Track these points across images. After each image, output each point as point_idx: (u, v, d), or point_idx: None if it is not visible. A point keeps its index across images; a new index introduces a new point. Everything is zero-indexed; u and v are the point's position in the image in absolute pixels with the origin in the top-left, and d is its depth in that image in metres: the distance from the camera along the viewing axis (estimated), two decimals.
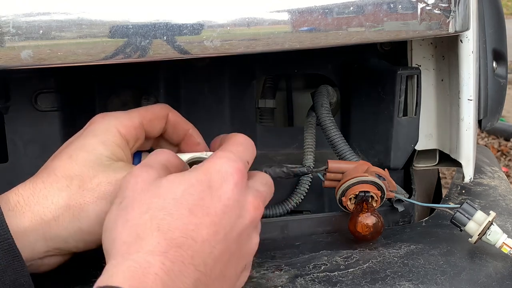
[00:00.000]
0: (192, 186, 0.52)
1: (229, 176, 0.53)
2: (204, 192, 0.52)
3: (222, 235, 0.51)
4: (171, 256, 0.48)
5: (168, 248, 0.48)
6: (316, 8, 0.59)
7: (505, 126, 3.39)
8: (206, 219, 0.51)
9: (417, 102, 0.78)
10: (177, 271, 0.47)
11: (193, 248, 0.49)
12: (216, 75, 0.82)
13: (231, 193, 0.53)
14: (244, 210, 0.54)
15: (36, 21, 0.55)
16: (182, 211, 0.50)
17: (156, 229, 0.49)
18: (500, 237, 0.63)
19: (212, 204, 0.52)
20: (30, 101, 0.73)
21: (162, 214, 0.50)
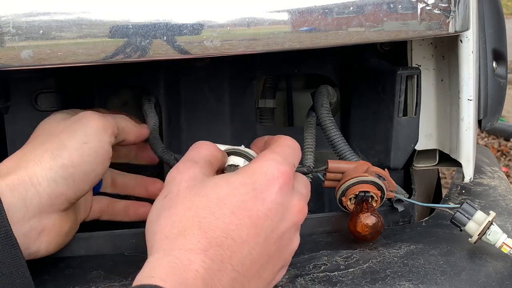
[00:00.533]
0: (236, 188, 0.53)
1: (275, 179, 0.54)
2: (248, 195, 0.53)
3: (262, 237, 0.52)
4: (211, 255, 0.49)
5: (208, 246, 0.49)
6: (316, 8, 0.59)
7: (505, 126, 3.39)
8: (247, 221, 0.51)
9: (417, 102, 0.78)
10: (216, 270, 0.48)
11: (233, 248, 0.50)
12: (216, 75, 0.82)
13: (275, 196, 0.53)
14: (288, 213, 0.55)
15: (36, 21, 0.55)
16: (224, 211, 0.51)
17: (197, 227, 0.50)
18: (500, 237, 0.63)
19: (254, 206, 0.52)
20: (30, 101, 0.73)
21: (205, 213, 0.51)
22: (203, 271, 0.47)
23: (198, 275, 0.47)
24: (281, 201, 0.54)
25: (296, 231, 0.57)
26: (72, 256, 0.68)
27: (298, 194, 0.57)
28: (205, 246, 0.49)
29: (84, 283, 0.61)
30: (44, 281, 0.62)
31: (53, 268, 0.65)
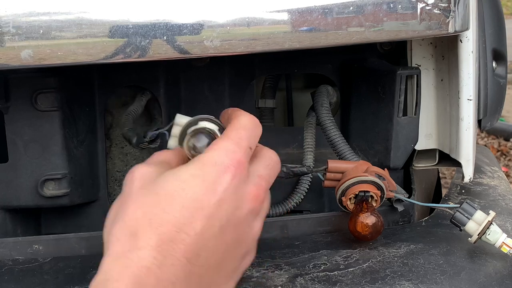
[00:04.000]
0: (186, 181, 0.52)
1: (226, 169, 0.53)
2: (198, 187, 0.52)
3: (217, 228, 0.52)
4: (163, 250, 0.49)
5: (160, 242, 0.49)
6: (316, 8, 0.59)
7: (505, 126, 3.39)
8: (199, 213, 0.51)
9: (417, 102, 0.78)
10: (169, 265, 0.49)
11: (186, 242, 0.50)
12: (216, 75, 0.82)
13: (227, 185, 0.53)
14: (243, 201, 0.54)
15: (36, 21, 0.55)
16: (175, 206, 0.51)
17: (148, 224, 0.50)
18: (500, 236, 0.63)
19: (206, 198, 0.52)
20: (30, 101, 0.73)
21: (155, 210, 0.51)
22: (155, 267, 0.48)
23: (150, 272, 0.47)
24: (234, 190, 0.53)
25: (255, 217, 0.56)
26: (72, 256, 0.68)
27: (255, 178, 0.56)
28: (156, 242, 0.49)
29: (84, 282, 0.61)
30: (45, 281, 0.62)
31: (53, 268, 0.65)
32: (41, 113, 0.73)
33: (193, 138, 0.59)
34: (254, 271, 0.62)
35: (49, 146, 0.74)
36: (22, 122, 0.73)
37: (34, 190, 0.74)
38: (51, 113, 0.73)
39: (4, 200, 0.75)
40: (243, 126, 0.58)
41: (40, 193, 0.74)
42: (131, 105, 0.82)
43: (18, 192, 0.75)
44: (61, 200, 0.75)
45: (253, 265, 0.64)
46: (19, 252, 0.69)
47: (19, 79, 0.73)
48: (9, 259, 0.68)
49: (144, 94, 0.83)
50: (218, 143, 0.55)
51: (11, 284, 0.63)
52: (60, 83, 0.74)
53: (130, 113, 0.81)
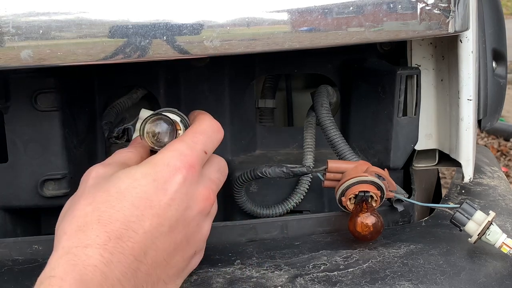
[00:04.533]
0: (137, 180, 0.53)
1: (177, 170, 0.54)
2: (149, 185, 0.53)
3: (166, 227, 0.53)
4: (110, 248, 0.49)
5: (107, 240, 0.49)
6: (315, 8, 0.59)
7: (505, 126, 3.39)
8: (148, 211, 0.52)
9: (417, 102, 0.78)
10: (116, 262, 0.49)
11: (134, 239, 0.50)
12: (216, 75, 0.82)
13: (178, 186, 0.54)
14: (193, 201, 0.55)
15: (36, 21, 0.55)
16: (124, 203, 0.52)
17: (96, 221, 0.50)
18: (500, 237, 0.63)
19: (156, 197, 0.53)
20: (30, 101, 0.73)
21: (104, 207, 0.51)
22: (102, 265, 0.48)
23: (96, 270, 0.48)
24: (185, 191, 0.54)
25: (205, 218, 0.57)
26: None
27: (206, 180, 0.57)
28: (103, 240, 0.49)
29: None
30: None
31: None
32: (41, 113, 0.73)
33: (152, 125, 0.60)
34: (254, 271, 0.62)
35: (49, 146, 0.74)
36: (22, 122, 0.73)
37: (34, 190, 0.74)
38: (51, 113, 0.73)
39: (4, 200, 0.75)
40: (202, 130, 0.60)
41: (40, 193, 0.74)
42: (119, 99, 0.82)
43: (18, 192, 0.75)
44: (61, 200, 0.75)
45: (253, 265, 0.64)
46: (19, 252, 0.69)
47: (19, 79, 0.73)
48: (9, 259, 0.68)
49: (137, 90, 0.83)
50: (172, 145, 0.57)
51: (11, 284, 0.63)
52: (60, 83, 0.74)
53: (115, 107, 0.81)
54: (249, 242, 0.71)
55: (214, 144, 0.61)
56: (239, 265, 0.64)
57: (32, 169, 0.74)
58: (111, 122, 0.79)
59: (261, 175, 0.73)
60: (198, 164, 0.56)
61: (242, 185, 0.77)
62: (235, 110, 0.84)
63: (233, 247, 0.69)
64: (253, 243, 0.71)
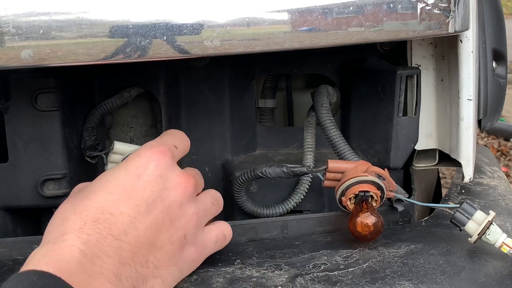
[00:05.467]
0: (111, 175, 0.58)
1: (149, 158, 0.58)
2: (122, 175, 0.57)
3: (143, 208, 0.55)
4: (87, 230, 0.52)
5: (82, 224, 0.52)
6: (316, 8, 0.59)
7: (505, 126, 3.39)
8: (123, 195, 0.55)
9: (417, 102, 0.78)
10: (94, 241, 0.51)
11: (110, 221, 0.53)
12: (216, 75, 0.82)
13: (151, 171, 0.57)
14: (170, 182, 0.58)
15: (36, 21, 0.55)
16: (99, 193, 0.56)
17: (73, 212, 0.54)
18: (500, 236, 0.63)
19: (129, 182, 0.56)
20: (30, 101, 0.73)
21: (80, 201, 0.55)
22: (79, 244, 0.50)
23: (74, 249, 0.50)
24: (159, 174, 0.57)
25: (188, 200, 0.59)
26: None
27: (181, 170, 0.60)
28: (79, 225, 0.52)
29: None
30: None
31: None
32: (41, 113, 0.73)
33: None
34: (254, 271, 0.62)
35: (49, 146, 0.74)
36: (22, 122, 0.73)
37: (34, 190, 0.74)
38: (51, 113, 0.73)
39: (4, 200, 0.75)
40: (168, 132, 0.66)
41: (40, 193, 0.74)
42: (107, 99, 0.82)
43: (18, 192, 0.75)
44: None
45: (253, 264, 0.64)
46: (19, 252, 0.69)
47: (19, 79, 0.73)
48: (9, 259, 0.68)
49: (131, 89, 0.82)
50: (143, 146, 0.61)
51: None
52: (60, 83, 0.74)
53: (100, 108, 0.81)
54: (249, 242, 0.71)
55: (182, 142, 0.65)
56: (239, 265, 0.64)
57: (32, 169, 0.74)
58: (93, 127, 0.79)
59: (261, 175, 0.73)
60: (169, 152, 0.59)
61: (242, 185, 0.77)
62: (235, 110, 0.84)
63: (233, 247, 0.69)
64: (253, 243, 0.71)
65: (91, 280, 0.49)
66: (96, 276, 0.50)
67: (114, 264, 0.51)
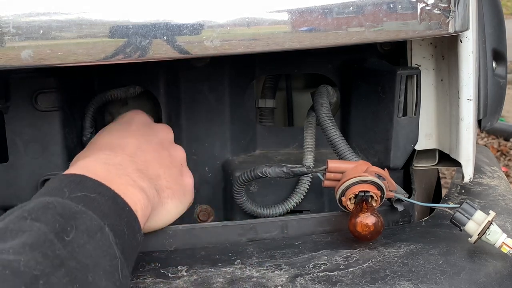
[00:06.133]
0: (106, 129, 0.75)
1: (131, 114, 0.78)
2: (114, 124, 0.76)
3: (143, 139, 0.70)
4: (106, 153, 0.65)
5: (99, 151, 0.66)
6: (316, 8, 0.59)
7: (505, 126, 3.39)
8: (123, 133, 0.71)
9: (417, 102, 0.78)
10: (113, 157, 0.64)
11: (121, 146, 0.67)
12: (216, 74, 0.82)
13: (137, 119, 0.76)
14: (155, 128, 0.75)
15: (36, 21, 0.55)
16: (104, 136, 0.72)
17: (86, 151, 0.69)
18: (500, 236, 0.63)
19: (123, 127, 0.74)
20: (30, 101, 0.73)
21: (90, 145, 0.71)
22: (102, 160, 0.63)
23: (97, 162, 0.62)
24: (144, 121, 0.76)
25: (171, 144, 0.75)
26: None
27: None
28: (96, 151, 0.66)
29: None
30: None
31: None
32: (41, 113, 0.73)
33: None
34: (254, 271, 0.62)
35: (49, 146, 0.74)
36: (22, 122, 0.73)
37: (34, 190, 0.74)
38: (51, 113, 0.73)
39: (4, 200, 0.75)
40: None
41: None
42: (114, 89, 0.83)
43: (18, 192, 0.75)
44: None
45: (253, 265, 0.64)
46: None
47: (19, 79, 0.73)
48: None
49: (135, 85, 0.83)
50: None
51: None
52: (60, 83, 0.74)
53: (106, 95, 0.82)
54: (249, 242, 0.71)
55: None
56: (239, 265, 0.64)
57: (32, 169, 0.74)
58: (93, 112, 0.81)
59: (261, 175, 0.73)
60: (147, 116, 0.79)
61: (242, 185, 0.77)
62: (235, 110, 0.84)
63: (233, 247, 0.69)
64: (253, 243, 0.71)
65: (117, 178, 0.60)
66: (121, 175, 0.61)
67: (135, 171, 0.63)
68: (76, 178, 0.57)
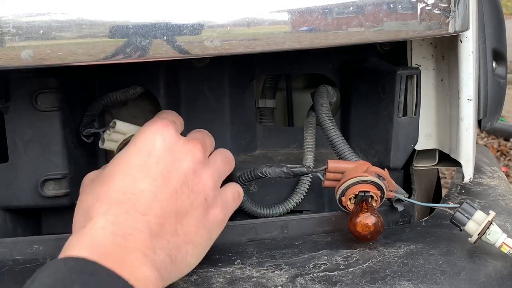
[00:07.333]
0: (121, 157, 0.60)
1: (153, 133, 0.60)
2: (132, 155, 0.59)
3: (160, 180, 0.57)
4: (114, 212, 0.54)
5: (108, 208, 0.55)
6: (316, 8, 0.59)
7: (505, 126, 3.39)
8: (139, 174, 0.57)
9: (417, 102, 0.78)
10: (123, 220, 0.54)
11: (133, 199, 0.56)
12: (216, 75, 0.82)
13: (159, 144, 0.59)
14: (180, 153, 0.60)
15: (36, 21, 0.55)
16: (116, 177, 0.58)
17: (96, 200, 0.56)
18: (500, 236, 0.63)
19: (140, 159, 0.58)
20: (30, 101, 0.73)
21: (100, 188, 0.57)
22: (109, 225, 0.53)
23: (105, 231, 0.52)
24: (167, 146, 0.59)
25: (201, 166, 0.61)
26: None
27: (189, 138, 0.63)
28: (105, 209, 0.55)
29: None
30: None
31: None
32: (41, 113, 0.73)
33: None
34: (254, 271, 0.62)
35: (49, 146, 0.74)
36: (22, 122, 0.73)
37: (34, 190, 0.74)
38: (51, 113, 0.73)
39: (4, 200, 0.75)
40: (162, 112, 0.69)
41: (40, 193, 0.74)
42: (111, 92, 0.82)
43: (18, 192, 0.75)
44: (61, 200, 0.75)
45: (253, 265, 0.64)
46: (19, 252, 0.69)
47: (19, 79, 0.73)
48: (9, 259, 0.68)
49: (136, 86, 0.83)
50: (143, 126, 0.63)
51: (11, 284, 0.63)
52: (60, 83, 0.74)
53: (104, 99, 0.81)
54: (249, 242, 0.71)
55: (179, 119, 0.67)
56: (239, 265, 0.64)
57: (32, 169, 0.74)
58: (94, 115, 0.80)
59: (261, 175, 0.73)
60: (171, 124, 0.62)
61: (242, 185, 0.77)
62: (235, 110, 0.84)
63: (233, 247, 0.69)
64: (253, 243, 0.71)
65: (127, 255, 0.51)
66: (131, 251, 0.52)
67: (146, 238, 0.54)
68: (87, 268, 0.49)
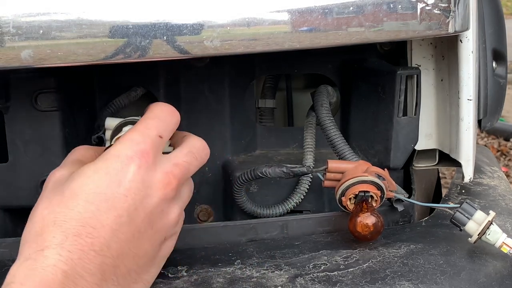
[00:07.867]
0: (89, 177, 0.53)
1: (129, 160, 0.54)
2: (101, 180, 0.53)
3: (125, 218, 0.52)
4: (68, 246, 0.49)
5: (63, 239, 0.49)
6: (316, 8, 0.59)
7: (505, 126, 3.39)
8: (104, 205, 0.52)
9: (417, 102, 0.78)
10: (77, 259, 0.49)
11: (92, 235, 0.50)
12: (216, 75, 0.82)
13: (132, 176, 0.53)
14: (152, 188, 0.54)
15: (36, 21, 0.55)
16: (78, 201, 0.52)
17: (52, 223, 0.51)
18: (500, 236, 0.63)
19: (109, 190, 0.52)
20: (30, 101, 0.73)
21: (59, 208, 0.52)
22: (61, 264, 0.48)
23: (56, 269, 0.48)
24: (140, 179, 0.53)
25: (169, 204, 0.56)
26: None
27: (168, 165, 0.56)
28: (60, 240, 0.49)
29: None
30: None
31: None
32: (41, 113, 0.73)
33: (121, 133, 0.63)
34: (254, 271, 0.62)
35: (49, 146, 0.74)
36: (22, 122, 0.73)
37: (34, 190, 0.74)
38: (51, 113, 0.73)
39: (4, 200, 0.75)
40: (153, 115, 0.59)
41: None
42: (116, 98, 0.82)
43: (18, 192, 0.75)
44: None
45: (253, 265, 0.64)
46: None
47: (19, 79, 0.73)
48: (9, 259, 0.68)
49: (137, 88, 0.83)
50: (124, 136, 0.56)
51: None
52: (60, 83, 0.74)
53: (110, 106, 0.81)
54: (249, 242, 0.71)
55: (169, 127, 0.60)
56: (239, 265, 0.64)
57: (32, 169, 0.74)
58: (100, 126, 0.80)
59: (261, 175, 0.73)
60: (152, 149, 0.55)
61: (242, 185, 0.77)
62: (235, 110, 0.84)
63: (233, 247, 0.69)
64: (253, 243, 0.71)
65: None
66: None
67: (97, 282, 0.50)
68: None
